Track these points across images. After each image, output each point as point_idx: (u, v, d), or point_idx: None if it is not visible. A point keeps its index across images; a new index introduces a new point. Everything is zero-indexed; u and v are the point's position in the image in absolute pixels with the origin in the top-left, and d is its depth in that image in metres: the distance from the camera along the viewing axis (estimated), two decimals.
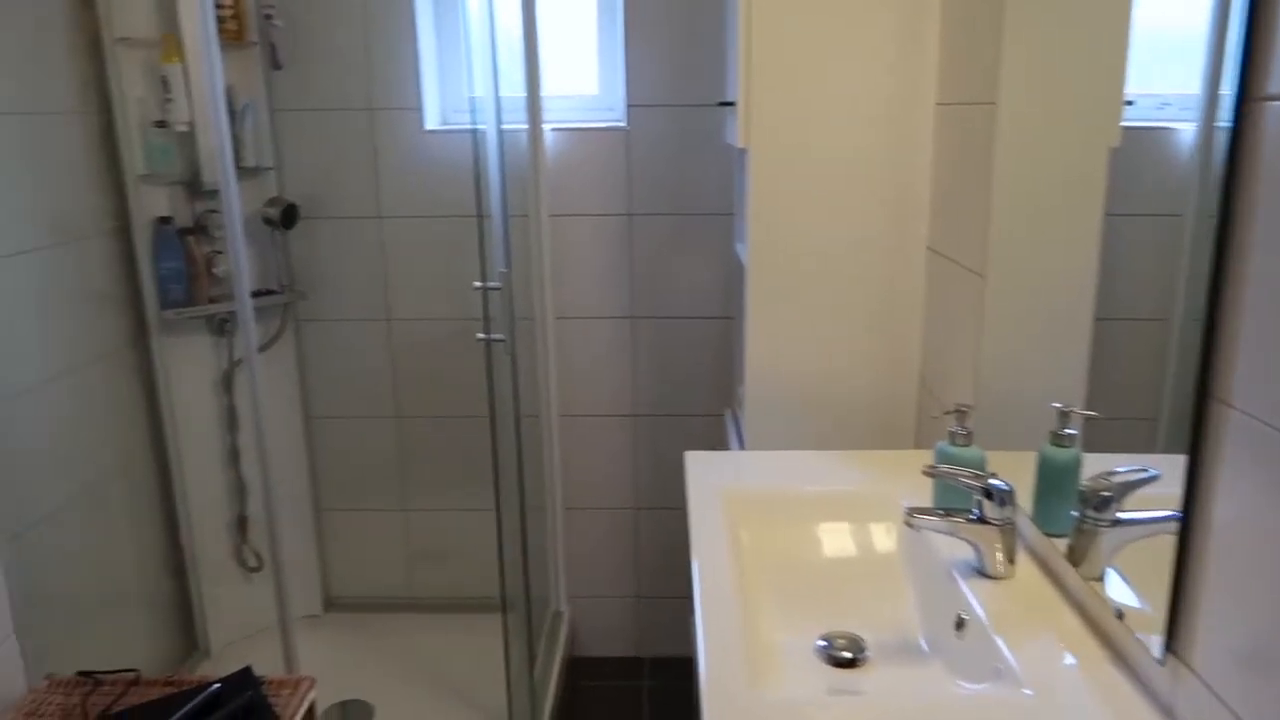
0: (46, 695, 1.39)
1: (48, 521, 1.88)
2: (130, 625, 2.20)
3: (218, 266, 2.28)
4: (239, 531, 2.48)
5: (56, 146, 1.96)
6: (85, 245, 2.04)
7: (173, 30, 2.12)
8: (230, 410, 2.41)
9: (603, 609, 2.65)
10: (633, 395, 2.50)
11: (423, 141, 2.38)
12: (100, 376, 2.08)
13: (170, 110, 2.13)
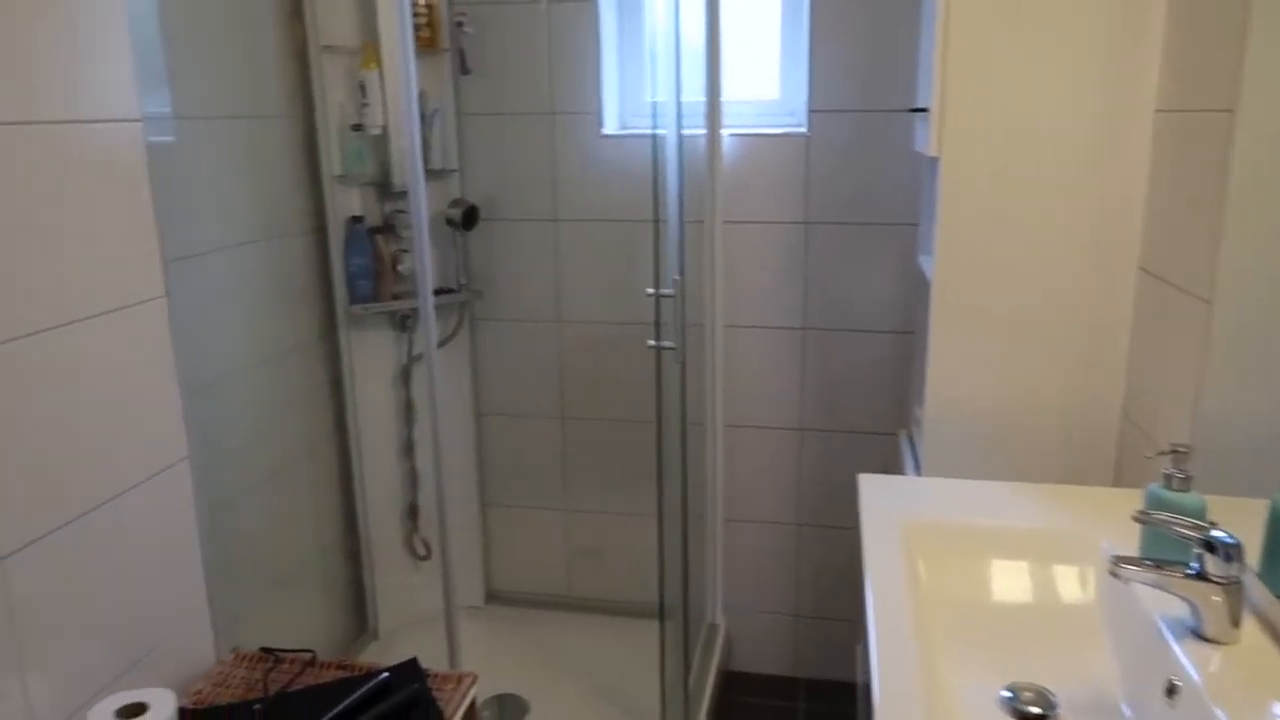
0: (232, 668, 1.47)
1: (240, 500, 2.00)
2: (306, 603, 2.31)
3: (402, 264, 2.37)
4: (410, 520, 2.57)
5: (268, 148, 2.09)
6: (288, 242, 2.16)
7: (372, 38, 2.21)
8: (407, 403, 2.50)
9: (759, 625, 2.59)
10: (800, 408, 2.43)
11: (600, 146, 2.39)
12: (294, 366, 2.20)
13: (366, 114, 2.23)
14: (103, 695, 1.23)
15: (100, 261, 1.21)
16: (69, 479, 1.17)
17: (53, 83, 1.13)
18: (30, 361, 1.11)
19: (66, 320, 1.16)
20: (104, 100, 1.21)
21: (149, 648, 1.34)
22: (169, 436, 1.36)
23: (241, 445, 2.01)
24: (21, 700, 1.11)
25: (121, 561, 1.27)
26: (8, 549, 1.08)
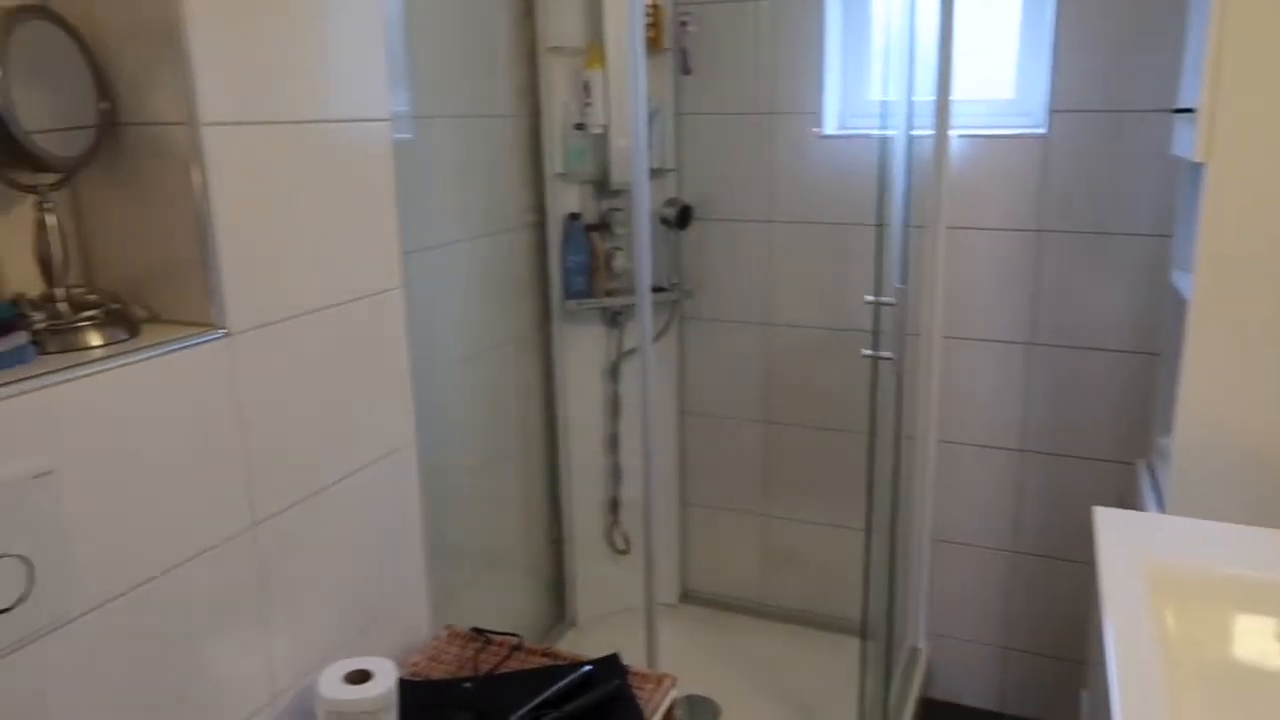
0: (445, 645, 1.53)
1: (455, 483, 2.09)
2: (511, 586, 2.40)
3: (616, 261, 2.41)
4: (611, 514, 2.62)
5: (496, 146, 2.17)
6: (510, 237, 2.25)
7: (597, 39, 2.26)
8: (614, 398, 2.54)
9: (964, 653, 2.45)
10: (1022, 428, 2.27)
11: (819, 146, 2.33)
12: (511, 357, 2.28)
13: (589, 114, 2.28)
14: (331, 660, 1.31)
15: (351, 253, 1.29)
16: (315, 453, 1.26)
17: (320, 85, 1.21)
18: (289, 342, 1.19)
19: (320, 306, 1.24)
20: (360, 101, 1.29)
21: (372, 618, 1.41)
22: (400, 420, 1.44)
23: (459, 431, 2.11)
24: (266, 655, 1.20)
25: (353, 535, 1.35)
26: (262, 515, 1.17)
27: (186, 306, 1.10)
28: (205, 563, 1.09)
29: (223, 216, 1.08)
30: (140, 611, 1.02)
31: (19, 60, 0.95)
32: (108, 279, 1.14)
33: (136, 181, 1.09)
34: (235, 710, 1.16)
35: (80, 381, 0.93)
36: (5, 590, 0.86)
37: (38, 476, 0.88)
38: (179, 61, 1.02)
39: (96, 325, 1.02)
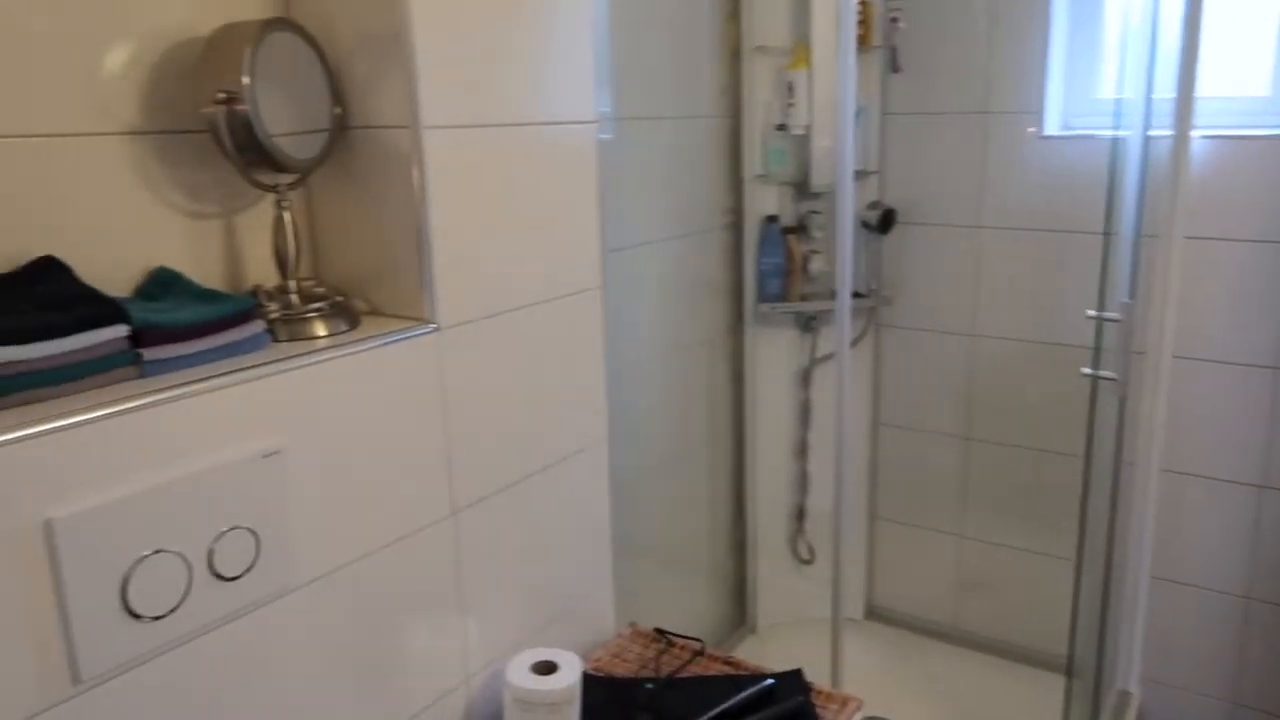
0: (628, 643, 1.54)
1: (641, 482, 2.11)
2: (692, 587, 2.40)
3: (812, 265, 2.35)
4: (796, 522, 2.56)
5: (696, 147, 2.17)
6: (705, 238, 2.24)
7: (804, 39, 2.21)
8: (805, 405, 2.49)
9: (1183, 704, 2.23)
10: (1264, 461, 2.04)
11: (1039, 148, 2.19)
12: (701, 358, 2.28)
13: (791, 115, 2.24)
14: (519, 648, 1.35)
15: (555, 252, 1.32)
16: (512, 447, 1.29)
17: (531, 88, 1.24)
18: (494, 338, 1.23)
19: (523, 303, 1.27)
20: (568, 103, 1.31)
21: (559, 611, 1.44)
22: (594, 417, 1.46)
23: (648, 430, 2.12)
24: (461, 639, 1.25)
25: (544, 529, 1.38)
26: (462, 504, 1.22)
27: (402, 301, 1.16)
28: (409, 546, 1.14)
29: (437, 216, 1.12)
30: (350, 588, 1.07)
31: (265, 69, 1.02)
32: (333, 273, 1.22)
33: (362, 182, 1.15)
34: (430, 688, 1.21)
35: (306, 369, 0.99)
36: (235, 560, 0.93)
37: (266, 456, 0.95)
38: (404, 68, 1.07)
39: (322, 316, 1.08)
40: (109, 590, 0.83)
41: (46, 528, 0.79)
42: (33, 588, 0.78)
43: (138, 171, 1.03)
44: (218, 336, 0.96)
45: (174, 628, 0.88)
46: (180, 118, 1.06)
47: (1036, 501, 2.33)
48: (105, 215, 1.01)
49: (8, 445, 0.76)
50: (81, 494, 0.81)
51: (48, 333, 0.83)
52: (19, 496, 0.77)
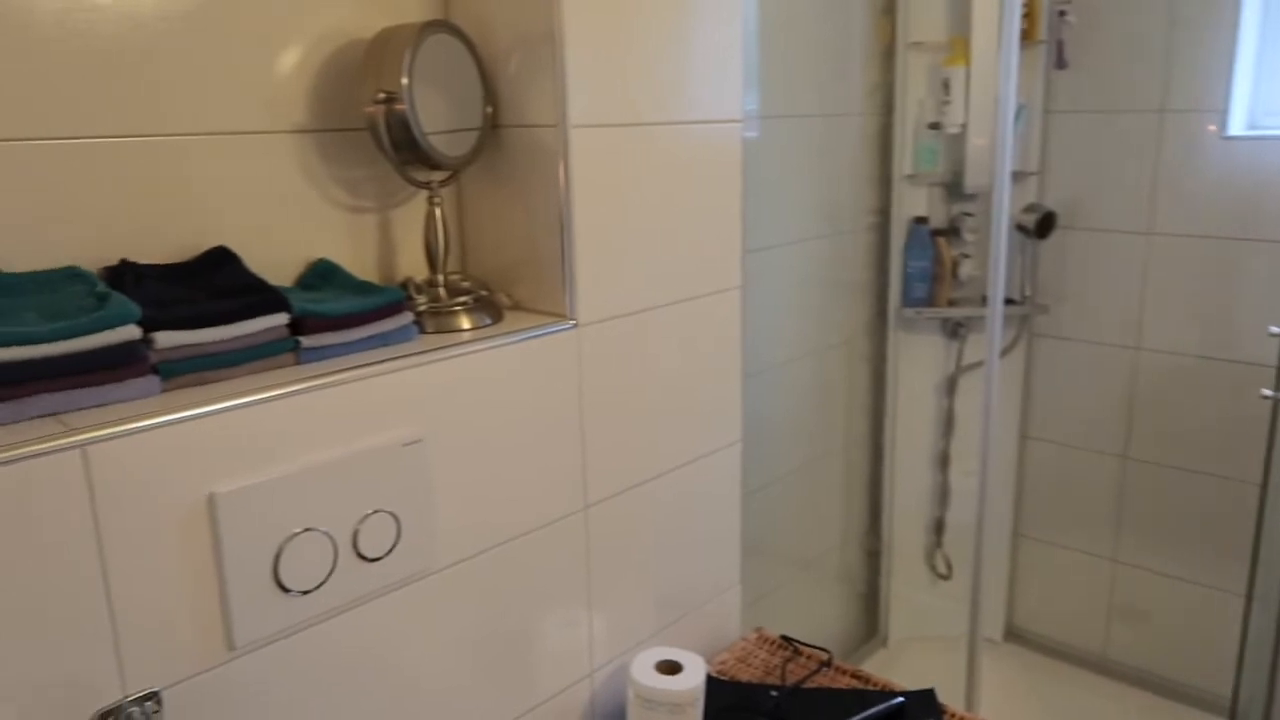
0: (754, 647, 1.53)
1: (773, 485, 2.08)
2: (821, 595, 2.35)
3: (962, 269, 2.27)
4: (934, 535, 2.48)
5: (842, 146, 2.12)
6: (848, 239, 2.19)
7: (963, 33, 2.13)
8: (948, 414, 2.40)
9: None
10: None
11: (1220, 149, 2.03)
12: (839, 361, 2.23)
13: (946, 112, 2.16)
14: (644, 646, 1.35)
15: (696, 251, 1.32)
16: (646, 445, 1.30)
17: (678, 87, 1.24)
18: (632, 336, 1.24)
19: (663, 302, 1.27)
20: (715, 102, 1.30)
21: (685, 611, 1.44)
22: (729, 418, 1.44)
23: (781, 433, 2.09)
24: (587, 631, 1.26)
25: (674, 528, 1.38)
26: (594, 499, 1.23)
27: (543, 297, 1.18)
28: (542, 538, 1.17)
29: (580, 214, 1.14)
30: (483, 575, 1.10)
31: (423, 69, 1.05)
32: (479, 268, 1.25)
33: (509, 179, 1.18)
34: (556, 678, 1.23)
35: (450, 361, 1.02)
36: (378, 542, 0.97)
37: (409, 444, 0.98)
38: (554, 67, 1.09)
39: (468, 310, 1.12)
40: (262, 564, 0.88)
41: (210, 502, 0.84)
42: (196, 557, 0.84)
43: (302, 168, 1.09)
44: (370, 327, 1.00)
45: (319, 603, 0.93)
46: (342, 117, 1.11)
47: (1202, 529, 2.17)
48: (272, 208, 1.07)
49: (180, 423, 0.81)
50: (242, 471, 0.86)
51: (218, 319, 0.89)
52: (187, 471, 0.82)
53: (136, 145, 0.96)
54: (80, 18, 0.90)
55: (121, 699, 0.81)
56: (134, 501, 0.79)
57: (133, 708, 0.81)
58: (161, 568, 0.82)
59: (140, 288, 0.90)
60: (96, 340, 0.80)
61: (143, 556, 0.80)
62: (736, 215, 1.39)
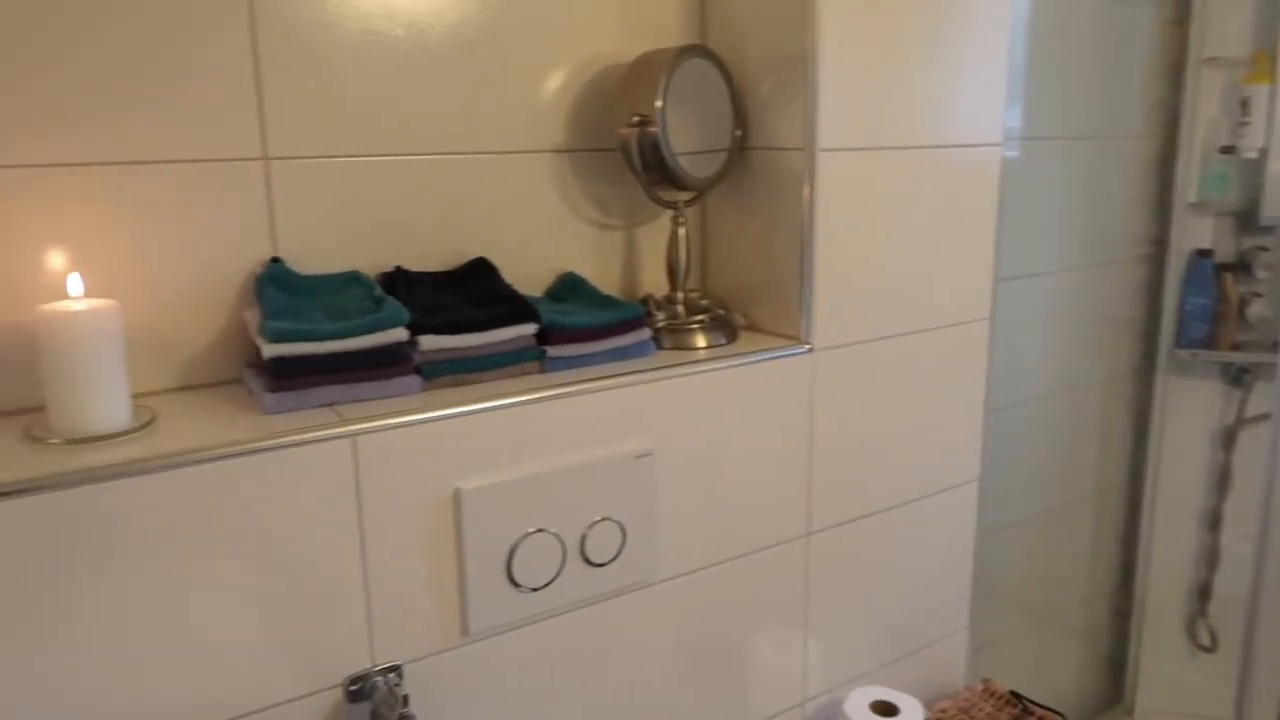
0: (979, 699, 1.44)
1: (1010, 529, 1.95)
2: (1058, 652, 2.18)
3: (1252, 309, 2.03)
4: (1198, 602, 2.23)
5: (1114, 169, 1.96)
6: (1114, 270, 2.02)
7: (1269, 48, 1.90)
8: (1224, 470, 2.15)
9: None
10: None
11: None
12: (1095, 402, 2.06)
13: (1242, 135, 1.94)
14: (859, 683, 1.31)
15: (942, 280, 1.26)
16: (874, 477, 1.26)
17: (933, 111, 1.19)
18: (868, 364, 1.21)
19: (903, 331, 1.23)
20: (973, 125, 1.25)
21: (906, 652, 1.38)
22: (966, 454, 1.38)
23: (1023, 475, 1.96)
24: (801, 659, 1.24)
25: (899, 565, 1.33)
26: (816, 526, 1.21)
27: (779, 319, 1.18)
28: (762, 560, 1.16)
29: (823, 238, 1.12)
30: (702, 591, 1.11)
31: (677, 91, 1.08)
32: (718, 287, 1.26)
33: (753, 201, 1.19)
34: (768, 701, 1.22)
35: (685, 379, 1.04)
36: (603, 548, 1.00)
37: (639, 457, 1.01)
38: (806, 90, 1.08)
39: (704, 328, 1.13)
40: (498, 559, 0.93)
41: (456, 497, 0.90)
42: (440, 548, 0.91)
43: (558, 185, 1.15)
44: (611, 340, 1.04)
45: (546, 601, 0.97)
46: (597, 137, 1.16)
47: None
48: (528, 223, 1.14)
49: (437, 421, 0.88)
50: (486, 470, 0.92)
51: (476, 326, 0.95)
52: (440, 466, 0.89)
53: (416, 163, 1.05)
54: (375, 49, 1.00)
55: (370, 668, 0.89)
56: (392, 490, 0.87)
57: (378, 677, 0.89)
58: (410, 554, 0.89)
59: (410, 293, 0.98)
60: (371, 340, 0.89)
61: (395, 541, 0.88)
62: (989, 242, 1.32)
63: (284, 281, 0.95)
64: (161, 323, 0.93)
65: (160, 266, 0.92)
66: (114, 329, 0.81)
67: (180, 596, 0.78)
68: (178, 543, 0.77)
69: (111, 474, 0.74)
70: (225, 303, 0.96)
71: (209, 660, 0.81)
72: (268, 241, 0.97)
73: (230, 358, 0.97)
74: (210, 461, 0.78)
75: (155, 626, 0.78)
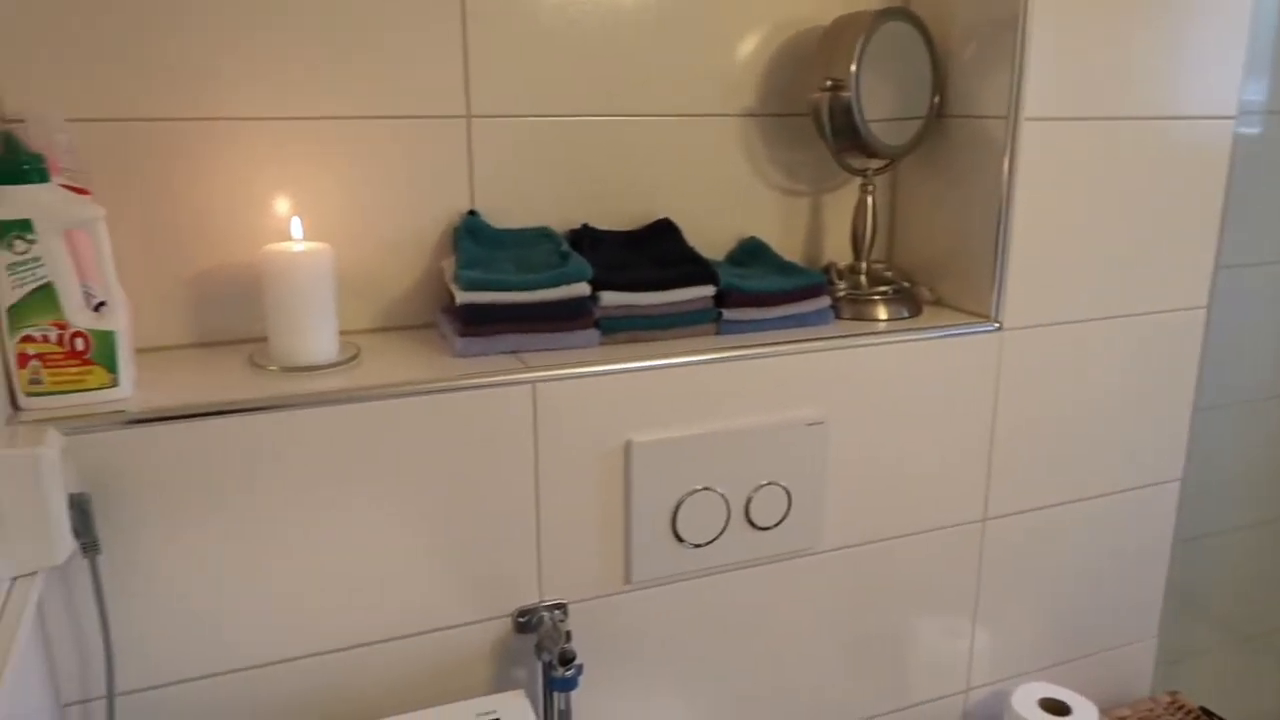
0: (1164, 712, 1.35)
1: (1220, 536, 1.81)
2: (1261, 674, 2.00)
3: None
4: None
5: None
6: None
7: None
8: None
9: None
10: None
11: None
12: None
13: None
14: (1029, 678, 1.26)
15: (1154, 263, 1.18)
16: (1061, 467, 1.19)
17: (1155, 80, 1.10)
18: (1062, 348, 1.14)
19: (1104, 315, 1.16)
20: (1202, 96, 1.14)
21: (1083, 654, 1.31)
22: (1169, 452, 1.28)
23: (1237, 478, 1.80)
24: (967, 647, 1.21)
25: (1081, 562, 1.26)
26: (995, 512, 1.16)
27: (968, 295, 1.13)
28: (932, 541, 1.13)
29: (1021, 212, 1.07)
30: (867, 566, 1.10)
31: (873, 57, 1.05)
32: (904, 259, 1.23)
33: (947, 171, 1.14)
34: (928, 685, 1.20)
35: (863, 349, 1.03)
36: (768, 512, 1.01)
37: (811, 425, 1.01)
38: (1013, 56, 1.03)
39: (885, 300, 1.11)
40: (663, 512, 0.96)
41: (626, 448, 0.93)
42: (609, 496, 0.94)
43: (745, 149, 1.15)
44: (789, 306, 1.04)
45: (708, 558, 0.99)
46: (787, 102, 1.15)
47: None
48: (714, 186, 1.14)
49: (613, 374, 0.91)
50: (657, 425, 0.94)
51: (656, 285, 0.97)
52: (612, 417, 0.92)
53: (608, 124, 1.07)
54: (574, 10, 1.03)
55: (537, 602, 0.94)
56: (566, 437, 0.91)
57: (544, 612, 0.93)
58: (580, 499, 0.93)
59: (595, 250, 1.01)
60: (556, 293, 0.93)
61: (567, 486, 0.92)
62: (1213, 226, 1.22)
63: (479, 233, 1.01)
64: (368, 267, 1.01)
65: (369, 215, 0.99)
66: (328, 270, 0.89)
67: (372, 518, 0.85)
68: (373, 467, 0.84)
69: (320, 400, 0.81)
70: (424, 251, 1.02)
71: (397, 579, 0.88)
72: (466, 195, 1.03)
73: (426, 303, 1.04)
74: (405, 396, 0.84)
75: (352, 542, 0.85)
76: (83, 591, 0.77)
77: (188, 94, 0.90)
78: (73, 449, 0.74)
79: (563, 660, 0.89)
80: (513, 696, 0.88)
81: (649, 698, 1.02)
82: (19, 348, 0.75)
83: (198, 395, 0.80)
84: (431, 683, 0.91)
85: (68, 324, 0.76)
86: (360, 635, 0.88)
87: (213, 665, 0.83)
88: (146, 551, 0.79)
